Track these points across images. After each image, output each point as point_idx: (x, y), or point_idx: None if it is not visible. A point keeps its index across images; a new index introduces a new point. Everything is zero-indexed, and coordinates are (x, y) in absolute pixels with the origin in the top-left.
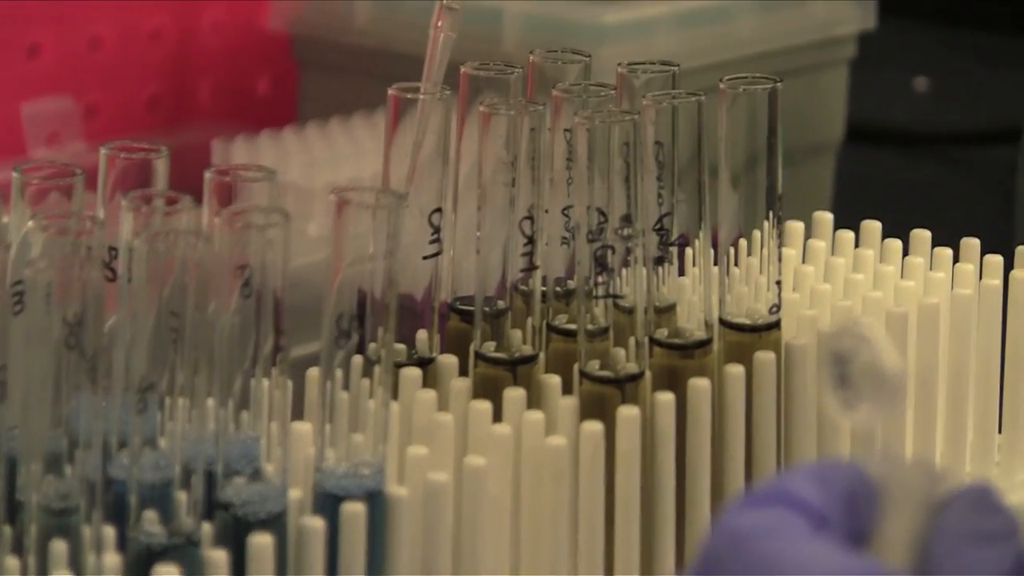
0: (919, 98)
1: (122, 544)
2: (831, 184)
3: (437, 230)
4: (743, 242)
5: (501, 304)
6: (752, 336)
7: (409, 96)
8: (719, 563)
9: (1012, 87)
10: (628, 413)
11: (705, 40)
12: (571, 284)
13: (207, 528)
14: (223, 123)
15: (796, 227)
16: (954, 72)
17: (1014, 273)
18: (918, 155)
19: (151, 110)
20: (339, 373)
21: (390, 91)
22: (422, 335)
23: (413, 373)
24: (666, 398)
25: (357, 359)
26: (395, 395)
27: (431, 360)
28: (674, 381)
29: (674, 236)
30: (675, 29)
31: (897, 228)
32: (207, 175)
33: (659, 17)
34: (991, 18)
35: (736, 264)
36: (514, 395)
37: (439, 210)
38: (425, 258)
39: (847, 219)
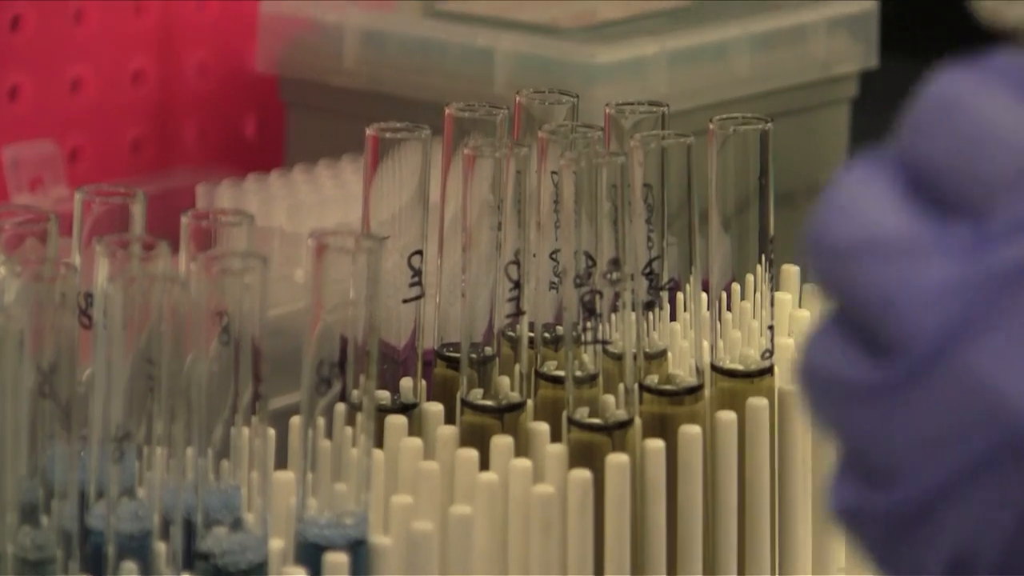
0: None
1: None
2: None
3: (418, 273)
4: (735, 286)
5: (488, 350)
6: (744, 382)
7: (388, 136)
8: (926, 126)
9: None
10: (617, 460)
11: (700, 80)
12: (560, 330)
13: None
14: (209, 166)
15: (792, 270)
16: None
17: None
18: None
19: (136, 153)
20: (322, 421)
21: (368, 131)
22: (406, 382)
23: (398, 421)
24: (656, 445)
25: (341, 407)
26: (380, 443)
27: (414, 406)
28: (665, 428)
29: (664, 280)
30: (669, 68)
31: None
32: (184, 219)
33: (653, 56)
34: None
35: (728, 309)
36: (501, 443)
37: (419, 252)
38: (405, 301)
39: None
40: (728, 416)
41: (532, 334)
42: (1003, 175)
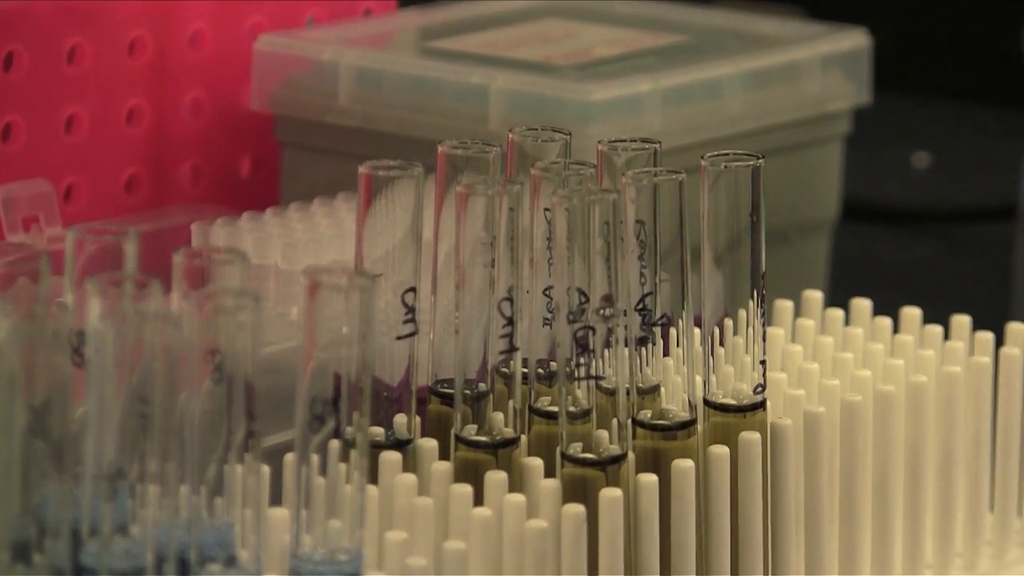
0: (917, 175)
1: None
2: (826, 262)
3: (411, 310)
4: (728, 321)
5: (482, 387)
6: (736, 417)
7: (381, 174)
8: None
9: (1010, 162)
10: (611, 495)
11: (695, 117)
12: (553, 366)
13: None
14: (204, 205)
15: (785, 306)
16: (952, 147)
17: (1004, 350)
18: (916, 233)
19: (130, 192)
20: (316, 458)
21: (361, 169)
22: (400, 418)
23: (392, 457)
24: (649, 480)
25: (335, 444)
26: (374, 480)
27: (409, 442)
28: (658, 463)
29: (657, 316)
30: (663, 106)
31: (893, 307)
32: (176, 258)
33: (646, 94)
34: (990, 91)
35: (721, 344)
36: (496, 478)
37: (413, 290)
38: (399, 338)
39: (843, 298)
40: (721, 450)
41: (526, 370)
42: None
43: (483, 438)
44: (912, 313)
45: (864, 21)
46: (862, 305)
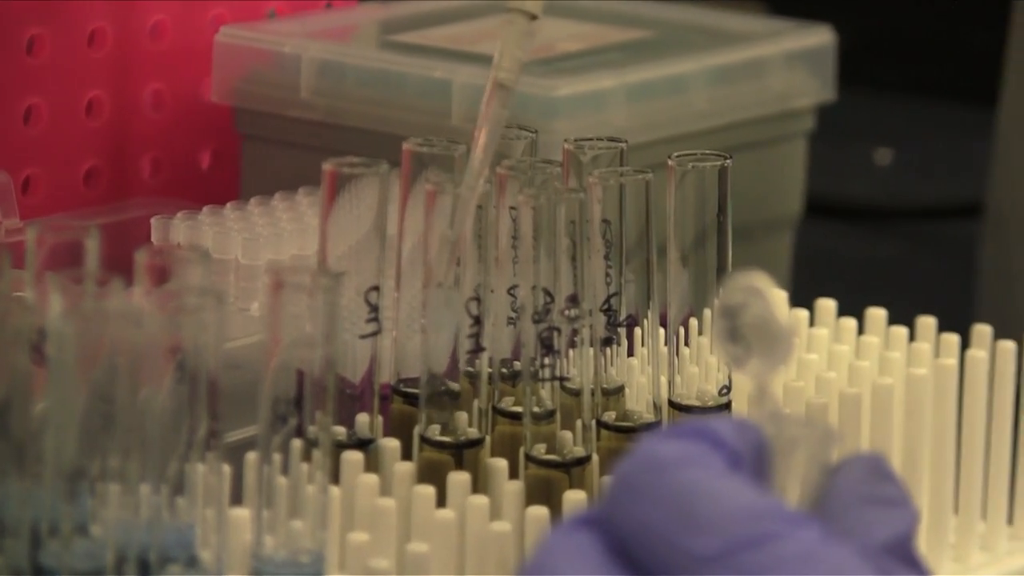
0: (880, 171)
1: None
2: (789, 260)
3: (375, 308)
4: (693, 321)
5: (447, 386)
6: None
7: (346, 171)
8: (634, 487)
9: (974, 159)
10: (575, 497)
11: (659, 113)
12: (517, 366)
13: None
14: (164, 197)
15: None
16: (916, 145)
17: (970, 352)
18: (879, 230)
19: (89, 184)
20: (278, 457)
21: (325, 166)
22: (363, 418)
23: (355, 457)
24: None
25: (297, 443)
26: (336, 480)
27: (371, 441)
28: None
29: (622, 316)
30: (628, 102)
31: (857, 305)
32: (138, 256)
33: (611, 90)
34: (954, 88)
35: (686, 344)
36: (459, 479)
37: (376, 288)
38: (362, 337)
39: (806, 296)
40: None
41: (491, 370)
42: (706, 548)
43: (447, 438)
44: (877, 314)
45: (828, 18)
46: (827, 305)
